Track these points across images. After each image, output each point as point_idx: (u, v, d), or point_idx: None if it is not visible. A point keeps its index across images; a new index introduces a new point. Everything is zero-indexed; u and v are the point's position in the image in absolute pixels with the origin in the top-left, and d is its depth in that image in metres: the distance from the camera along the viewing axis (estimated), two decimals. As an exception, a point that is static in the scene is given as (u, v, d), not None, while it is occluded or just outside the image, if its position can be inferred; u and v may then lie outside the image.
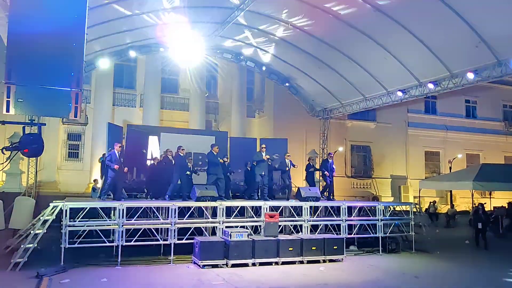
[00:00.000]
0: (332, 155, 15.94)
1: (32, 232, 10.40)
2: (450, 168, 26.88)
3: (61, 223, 10.40)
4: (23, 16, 5.46)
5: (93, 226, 10.75)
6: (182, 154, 13.58)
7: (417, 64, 15.35)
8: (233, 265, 10.74)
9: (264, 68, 19.93)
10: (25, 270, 9.62)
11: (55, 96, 5.54)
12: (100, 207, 11.20)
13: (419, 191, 21.61)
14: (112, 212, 11.60)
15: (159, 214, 11.51)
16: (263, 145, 14.51)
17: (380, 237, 13.44)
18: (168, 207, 11.48)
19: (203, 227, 11.83)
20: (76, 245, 10.45)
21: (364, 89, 18.41)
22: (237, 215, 12.38)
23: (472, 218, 16.19)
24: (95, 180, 17.42)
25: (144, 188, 15.41)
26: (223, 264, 10.79)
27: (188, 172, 13.32)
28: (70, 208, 10.52)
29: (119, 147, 12.36)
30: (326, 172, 14.93)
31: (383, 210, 13.77)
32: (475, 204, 20.74)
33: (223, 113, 26.08)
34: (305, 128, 24.24)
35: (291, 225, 12.97)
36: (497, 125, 31.48)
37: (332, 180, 15.19)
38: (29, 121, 5.94)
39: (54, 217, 10.46)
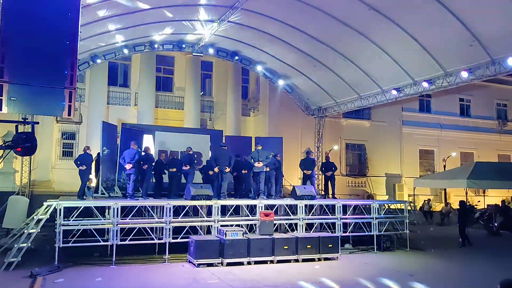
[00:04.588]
0: (308, 154, 16.10)
1: (25, 231, 10.35)
2: (444, 166, 27.00)
3: (55, 222, 10.36)
4: (15, 13, 5.42)
5: (87, 225, 10.72)
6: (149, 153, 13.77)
7: (412, 62, 15.39)
8: (228, 264, 10.74)
9: (259, 66, 19.92)
10: (19, 269, 9.58)
11: (49, 94, 5.50)
12: (94, 206, 11.18)
13: (414, 189, 21.70)
14: (107, 211, 11.58)
15: (153, 213, 11.48)
16: (259, 146, 14.50)
17: (375, 235, 13.49)
18: (163, 206, 11.46)
19: (198, 226, 11.83)
20: (70, 244, 10.43)
21: (359, 87, 18.44)
22: (232, 213, 12.39)
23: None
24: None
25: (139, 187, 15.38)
26: (218, 263, 10.79)
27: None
28: (64, 207, 10.49)
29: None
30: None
31: (377, 208, 13.82)
32: (469, 202, 20.89)
33: (218, 112, 26.02)
34: (300, 127, 24.27)
35: (286, 224, 12.98)
36: (491, 124, 31.63)
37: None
38: (22, 120, 5.90)
39: (48, 216, 10.43)
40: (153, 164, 13.80)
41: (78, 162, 12.88)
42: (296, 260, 11.50)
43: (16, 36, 5.33)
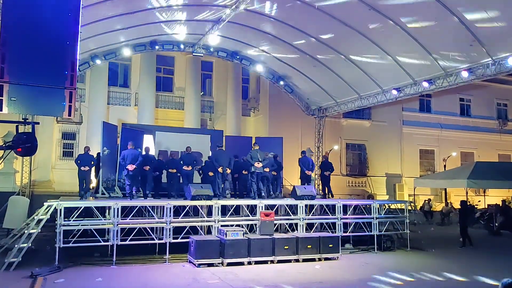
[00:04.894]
0: (305, 153, 16.17)
1: (26, 231, 10.35)
2: (445, 166, 27.00)
3: (56, 222, 10.36)
4: (15, 13, 5.42)
5: (88, 225, 10.71)
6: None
7: (412, 62, 15.38)
8: (229, 264, 10.74)
9: (259, 66, 19.92)
10: (19, 270, 9.58)
11: (49, 94, 5.50)
12: (94, 206, 11.18)
13: (414, 189, 21.71)
14: (107, 211, 11.58)
15: (154, 213, 11.48)
16: (257, 146, 14.50)
17: (375, 235, 13.48)
18: (163, 206, 11.46)
19: (198, 226, 11.82)
20: (70, 244, 10.43)
21: (359, 87, 18.44)
22: (233, 213, 12.38)
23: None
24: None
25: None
26: (219, 263, 10.79)
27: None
28: (65, 207, 10.48)
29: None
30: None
31: (378, 208, 13.81)
32: (470, 202, 20.86)
33: (218, 112, 26.04)
34: (300, 127, 24.28)
35: (287, 224, 12.98)
36: (491, 123, 31.65)
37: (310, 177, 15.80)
38: (23, 120, 5.90)
39: (49, 217, 10.43)
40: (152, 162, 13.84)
41: (79, 161, 12.90)
42: (297, 260, 11.49)
43: (16, 36, 5.33)
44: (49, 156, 21.66)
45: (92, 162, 13.27)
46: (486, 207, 23.42)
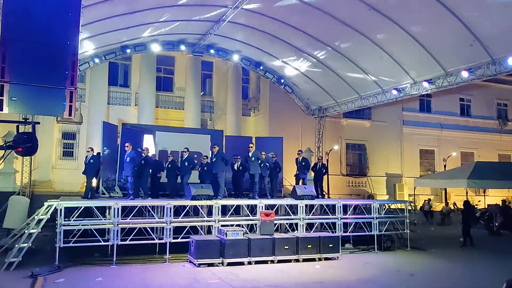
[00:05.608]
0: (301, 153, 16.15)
1: (26, 231, 10.36)
2: (445, 166, 26.99)
3: (56, 222, 10.36)
4: (16, 13, 5.42)
5: (88, 225, 10.72)
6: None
7: (412, 62, 15.40)
8: (229, 264, 10.75)
9: (259, 66, 19.92)
10: (20, 269, 9.58)
11: (49, 94, 5.51)
12: (95, 206, 11.18)
13: (414, 189, 21.67)
14: (107, 211, 11.58)
15: (154, 213, 11.48)
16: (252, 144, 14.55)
17: (375, 235, 13.48)
18: (163, 206, 11.47)
19: (198, 225, 11.83)
20: (71, 244, 10.43)
21: (359, 87, 18.45)
22: (233, 213, 12.39)
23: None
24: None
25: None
26: (219, 263, 10.80)
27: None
28: (65, 207, 10.49)
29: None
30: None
31: (378, 208, 13.81)
32: (470, 202, 20.84)
33: (218, 112, 26.02)
34: (301, 127, 24.26)
35: (287, 224, 12.99)
36: (491, 123, 31.65)
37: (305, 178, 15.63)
38: (23, 120, 5.90)
39: (49, 217, 10.43)
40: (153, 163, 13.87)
41: (91, 161, 12.96)
42: (297, 260, 11.50)
43: (17, 36, 5.34)
44: (49, 156, 21.65)
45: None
46: (486, 207, 23.43)
